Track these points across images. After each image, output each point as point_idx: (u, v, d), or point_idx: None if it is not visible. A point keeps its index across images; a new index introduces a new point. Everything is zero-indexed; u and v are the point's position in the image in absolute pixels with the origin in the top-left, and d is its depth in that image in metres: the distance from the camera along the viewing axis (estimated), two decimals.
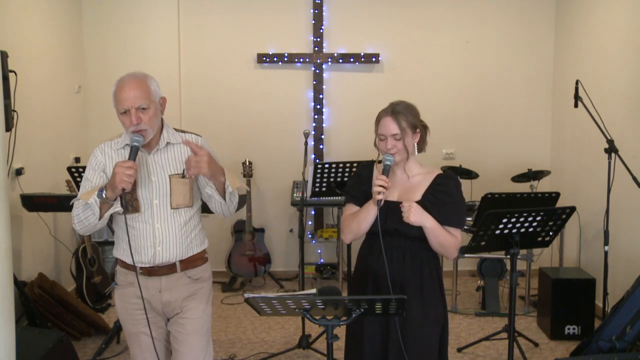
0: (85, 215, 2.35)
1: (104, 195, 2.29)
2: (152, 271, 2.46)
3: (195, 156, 2.33)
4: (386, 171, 2.35)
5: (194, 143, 2.39)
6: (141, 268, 2.45)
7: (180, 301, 2.49)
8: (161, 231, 2.43)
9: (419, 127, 2.43)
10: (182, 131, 2.55)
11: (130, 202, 2.41)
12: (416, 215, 2.31)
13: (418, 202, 2.39)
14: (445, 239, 2.36)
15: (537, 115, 5.81)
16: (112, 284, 2.56)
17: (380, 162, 2.43)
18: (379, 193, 2.30)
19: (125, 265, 2.50)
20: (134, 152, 2.31)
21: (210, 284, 2.62)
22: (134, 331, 2.51)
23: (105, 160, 2.48)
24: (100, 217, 2.35)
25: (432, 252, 2.44)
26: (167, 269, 2.46)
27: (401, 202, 2.35)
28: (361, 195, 2.49)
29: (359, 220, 2.41)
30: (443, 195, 2.40)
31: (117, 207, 2.35)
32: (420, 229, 2.36)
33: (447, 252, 2.40)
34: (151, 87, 2.39)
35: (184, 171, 2.43)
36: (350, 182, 2.63)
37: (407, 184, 2.46)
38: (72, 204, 2.43)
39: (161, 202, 2.43)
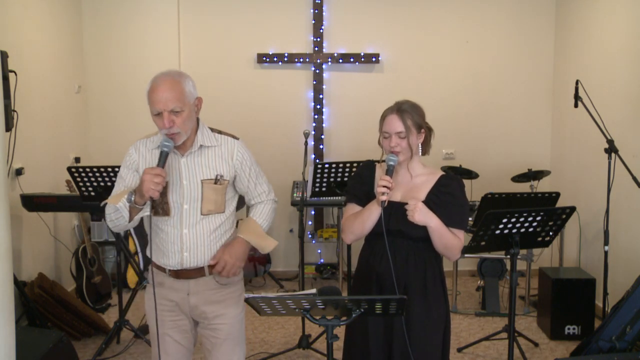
0: (116, 217, 2.32)
1: (132, 200, 2.25)
2: (180, 274, 2.41)
3: (224, 270, 2.35)
4: (390, 171, 2.34)
5: (218, 266, 2.36)
6: (169, 270, 2.41)
7: (210, 305, 2.43)
8: (189, 237, 2.37)
9: (424, 128, 2.43)
10: (219, 131, 2.46)
11: (160, 205, 2.36)
12: (421, 214, 2.29)
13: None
14: (450, 240, 2.35)
15: (537, 115, 5.81)
16: (144, 282, 2.55)
17: (383, 161, 2.42)
18: (383, 194, 2.29)
19: (155, 264, 2.46)
20: (163, 158, 2.24)
21: (241, 286, 2.55)
22: (160, 332, 2.43)
23: (139, 160, 2.41)
24: (130, 220, 2.32)
25: (435, 253, 2.43)
26: (195, 272, 2.41)
27: (406, 203, 2.34)
28: (363, 195, 2.48)
29: (362, 221, 2.40)
30: (447, 196, 2.39)
31: (147, 212, 2.29)
32: (423, 230, 2.35)
33: (450, 254, 2.40)
34: (186, 88, 2.28)
35: (216, 177, 2.38)
36: (351, 182, 2.61)
37: (411, 184, 2.45)
38: (104, 204, 2.39)
39: (191, 207, 2.36)
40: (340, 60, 5.65)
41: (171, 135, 2.26)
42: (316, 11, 5.61)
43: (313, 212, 5.78)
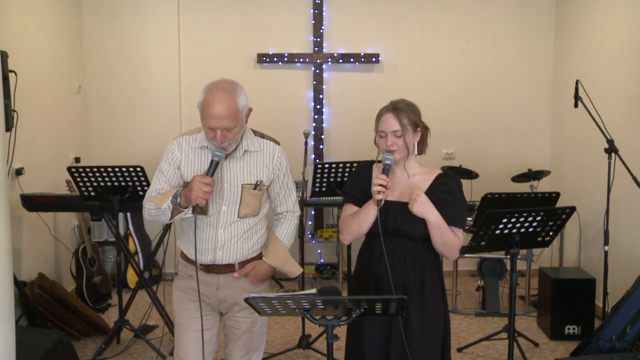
0: (157, 214, 2.39)
1: (177, 202, 2.32)
2: (211, 269, 2.48)
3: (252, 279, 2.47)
4: (386, 171, 2.33)
5: (246, 272, 2.48)
6: (201, 265, 2.48)
7: (237, 299, 2.49)
8: (223, 236, 2.44)
9: (420, 127, 2.41)
10: (262, 135, 2.51)
11: (196, 207, 2.40)
12: (420, 206, 2.28)
13: None
14: (449, 237, 2.34)
15: (537, 115, 5.81)
16: (173, 273, 2.58)
17: (379, 161, 2.42)
18: (379, 193, 2.28)
19: (186, 258, 2.53)
20: (213, 168, 2.28)
21: (267, 283, 2.63)
22: (184, 322, 2.51)
23: (182, 157, 2.45)
24: (171, 219, 2.38)
25: (434, 253, 2.42)
26: (225, 268, 2.48)
27: (404, 203, 2.33)
28: (360, 195, 2.47)
29: (359, 221, 2.39)
30: (444, 194, 2.38)
31: (188, 214, 2.37)
32: (422, 229, 2.34)
33: (449, 252, 2.39)
34: (239, 104, 2.31)
35: (257, 182, 2.44)
36: (349, 182, 2.60)
37: (407, 183, 2.44)
38: (144, 203, 2.46)
39: (229, 209, 2.43)
40: (340, 60, 5.65)
41: (224, 147, 2.32)
42: (316, 11, 5.61)
43: (313, 212, 5.78)
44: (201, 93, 2.35)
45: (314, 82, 5.67)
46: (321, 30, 5.64)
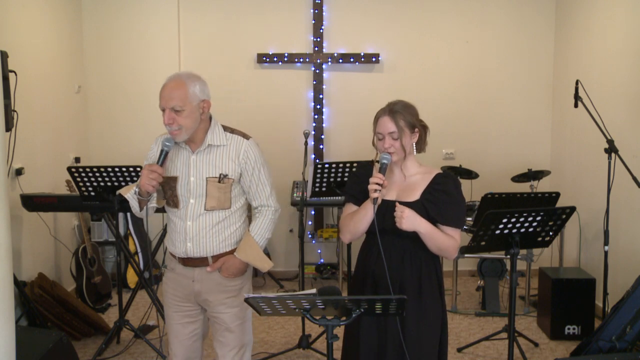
0: (131, 205, 2.54)
1: (137, 192, 2.46)
2: (186, 261, 2.58)
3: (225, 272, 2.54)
4: (383, 170, 2.34)
5: (218, 267, 2.54)
6: (178, 257, 2.60)
7: (212, 294, 2.57)
8: (192, 229, 2.52)
9: (418, 127, 2.42)
10: (232, 130, 2.58)
11: (171, 198, 2.55)
12: (408, 222, 2.28)
13: (416, 202, 2.38)
14: (443, 242, 2.35)
15: (537, 115, 5.81)
16: (163, 266, 2.74)
17: (377, 161, 2.42)
18: (375, 191, 2.29)
19: (169, 251, 2.66)
20: (162, 156, 2.43)
21: (245, 277, 2.65)
22: (168, 314, 2.66)
23: (157, 152, 2.56)
24: (141, 209, 2.52)
25: (432, 252, 2.43)
26: (199, 262, 2.56)
27: (396, 203, 2.34)
28: (360, 195, 2.47)
29: (357, 220, 2.40)
30: (442, 194, 2.38)
31: (152, 203, 2.53)
32: None
33: (446, 254, 2.39)
34: (190, 89, 2.41)
35: (220, 175, 2.50)
36: (349, 181, 2.62)
37: (405, 183, 2.45)
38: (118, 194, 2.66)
39: (197, 202, 2.51)
40: (340, 60, 5.65)
41: (172, 132, 2.42)
42: (316, 11, 5.61)
43: (313, 212, 5.78)
44: None
45: (314, 82, 5.67)
46: (321, 30, 5.64)
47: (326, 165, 3.88)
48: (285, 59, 5.62)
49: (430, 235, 2.32)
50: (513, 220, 2.67)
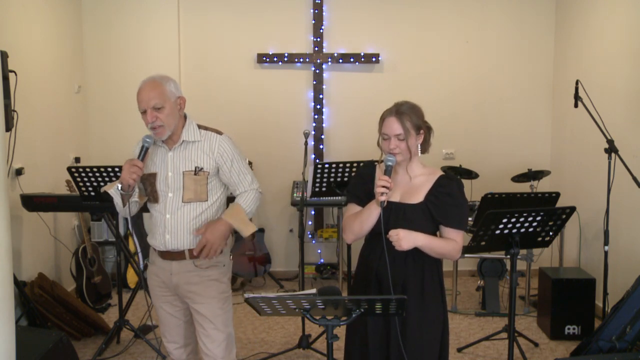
0: (116, 202, 2.67)
1: (119, 188, 2.58)
2: (164, 255, 2.69)
3: (205, 248, 2.57)
4: (388, 171, 2.35)
5: (199, 245, 2.58)
6: (157, 250, 2.72)
7: (189, 286, 2.67)
8: (171, 222, 2.63)
9: (423, 128, 2.43)
10: (205, 128, 2.70)
11: (151, 194, 2.68)
12: (407, 242, 2.31)
13: (420, 203, 2.39)
14: (442, 248, 2.37)
15: (537, 115, 5.81)
16: (145, 260, 2.88)
17: (382, 162, 2.43)
18: (382, 194, 2.29)
19: (150, 244, 2.76)
20: (143, 152, 2.58)
21: (221, 272, 2.72)
22: (156, 304, 2.78)
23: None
24: (124, 205, 2.64)
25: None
26: (177, 255, 2.67)
27: (388, 235, 2.33)
28: (363, 195, 2.48)
29: (362, 220, 2.41)
30: (445, 197, 2.39)
31: (134, 198, 2.67)
32: (423, 230, 2.35)
33: (448, 257, 2.42)
34: (166, 88, 2.57)
35: (195, 168, 2.62)
36: (352, 182, 2.63)
37: (409, 184, 2.45)
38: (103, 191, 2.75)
39: (175, 195, 2.64)
40: (340, 60, 5.65)
41: (155, 128, 2.56)
42: (316, 11, 5.61)
43: (313, 212, 5.78)
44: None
45: (314, 82, 5.67)
46: (321, 30, 5.64)
47: (326, 165, 3.88)
48: (285, 59, 5.62)
49: (430, 246, 2.36)
50: (513, 220, 2.67)
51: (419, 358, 2.38)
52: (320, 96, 5.69)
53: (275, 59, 5.62)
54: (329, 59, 5.65)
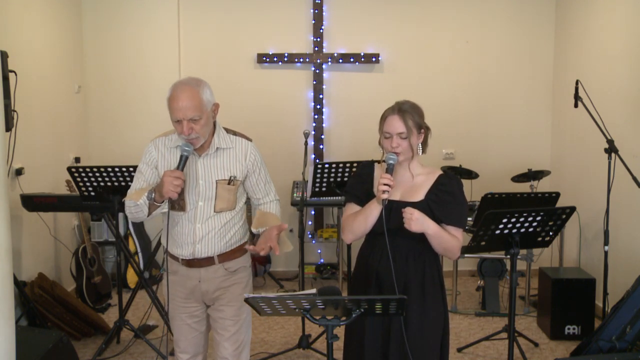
0: (136, 210, 2.49)
1: (152, 198, 2.44)
2: (191, 263, 2.59)
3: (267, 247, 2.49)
4: (390, 170, 2.35)
5: (262, 247, 2.50)
6: (182, 259, 2.60)
7: (219, 290, 2.61)
8: (201, 230, 2.54)
9: (424, 127, 2.44)
10: (234, 133, 2.61)
11: (177, 202, 2.52)
12: (417, 224, 2.29)
13: (421, 202, 2.39)
14: (448, 242, 2.36)
15: (537, 115, 5.81)
16: (161, 270, 2.73)
17: (383, 161, 2.43)
18: (384, 192, 2.29)
19: (170, 254, 2.64)
20: (182, 162, 2.41)
21: (248, 273, 2.72)
22: (174, 315, 2.68)
23: (158, 157, 2.57)
24: (149, 215, 2.50)
25: (435, 252, 2.44)
26: (205, 262, 2.58)
27: (403, 209, 2.33)
28: (362, 195, 2.48)
29: (362, 219, 2.40)
30: (446, 195, 2.40)
31: (164, 209, 2.50)
32: None
33: (449, 254, 2.41)
34: (203, 97, 2.43)
35: (230, 178, 2.54)
36: (350, 181, 2.62)
37: (410, 183, 2.46)
38: (123, 200, 2.59)
39: (206, 204, 2.54)
40: (340, 60, 5.65)
41: (190, 140, 2.43)
42: (316, 11, 5.61)
43: (313, 212, 5.78)
44: (168, 91, 2.47)
45: (314, 82, 5.67)
46: (321, 30, 5.64)
47: (326, 165, 3.88)
48: (285, 59, 5.62)
49: (438, 236, 2.34)
50: (513, 220, 2.67)
51: (419, 358, 2.38)
52: (320, 96, 5.69)
53: (275, 59, 5.62)
54: (329, 59, 5.65)
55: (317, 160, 5.64)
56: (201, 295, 2.62)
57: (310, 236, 5.68)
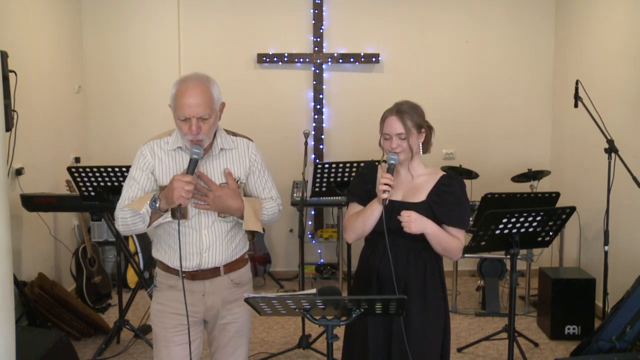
0: (133, 222, 2.27)
1: (157, 206, 2.24)
2: (195, 275, 2.38)
3: (212, 193, 2.27)
4: (391, 170, 2.35)
5: (210, 181, 2.30)
6: (185, 272, 2.35)
7: (225, 304, 2.44)
8: (208, 237, 2.36)
9: (424, 128, 2.44)
10: (234, 133, 2.47)
11: (177, 209, 2.27)
12: (417, 225, 2.30)
13: (423, 202, 2.40)
14: (448, 242, 2.36)
15: (537, 115, 5.81)
16: (152, 286, 2.47)
17: (384, 161, 2.43)
18: (385, 192, 2.29)
19: (166, 268, 2.41)
20: (192, 165, 2.22)
21: (251, 286, 2.56)
22: (163, 335, 2.41)
23: (155, 162, 2.36)
24: (149, 225, 2.29)
25: (435, 252, 2.44)
26: (210, 273, 2.40)
27: (399, 215, 2.33)
28: (365, 195, 2.48)
29: (363, 219, 2.40)
30: (448, 195, 2.40)
31: (167, 218, 2.29)
32: None
33: (450, 255, 2.41)
34: (214, 94, 2.28)
35: (235, 180, 2.38)
36: (353, 181, 2.63)
37: (412, 184, 2.46)
38: (116, 213, 2.34)
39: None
40: (340, 60, 5.65)
41: (197, 141, 2.24)
42: (316, 11, 5.61)
43: (313, 212, 5.78)
44: (173, 87, 2.29)
45: (314, 82, 5.67)
46: (321, 30, 5.64)
47: (326, 165, 3.88)
48: (285, 59, 5.62)
49: (437, 236, 2.34)
50: (513, 220, 2.67)
51: (420, 357, 2.38)
52: (320, 96, 5.69)
53: (275, 59, 5.62)
54: (329, 59, 5.65)
55: (317, 160, 5.64)
56: (204, 310, 2.42)
57: (310, 236, 5.68)
